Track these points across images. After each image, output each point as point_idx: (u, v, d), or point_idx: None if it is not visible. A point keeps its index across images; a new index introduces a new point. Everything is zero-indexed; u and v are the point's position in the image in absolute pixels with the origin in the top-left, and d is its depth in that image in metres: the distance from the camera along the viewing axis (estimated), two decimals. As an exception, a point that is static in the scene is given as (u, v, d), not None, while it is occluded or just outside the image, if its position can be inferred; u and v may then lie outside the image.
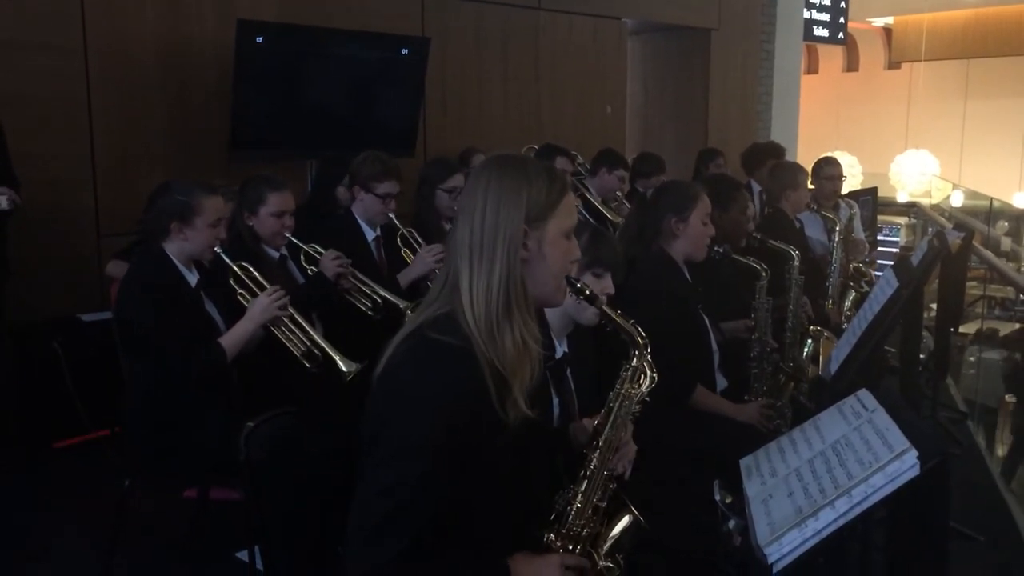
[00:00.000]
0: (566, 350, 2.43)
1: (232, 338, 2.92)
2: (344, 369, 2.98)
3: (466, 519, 1.65)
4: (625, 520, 1.92)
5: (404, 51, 5.61)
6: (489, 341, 1.62)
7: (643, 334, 1.90)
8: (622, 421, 1.88)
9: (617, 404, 1.89)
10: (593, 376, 2.42)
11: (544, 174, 1.70)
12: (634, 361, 1.90)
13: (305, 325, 3.06)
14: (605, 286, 2.47)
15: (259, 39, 4.89)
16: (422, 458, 1.56)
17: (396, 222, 3.77)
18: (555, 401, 2.30)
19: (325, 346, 3.03)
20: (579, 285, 1.82)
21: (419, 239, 3.80)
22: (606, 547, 1.87)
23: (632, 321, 1.91)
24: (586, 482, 1.83)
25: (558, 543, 1.79)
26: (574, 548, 1.80)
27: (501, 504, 1.70)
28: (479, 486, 1.64)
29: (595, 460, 1.85)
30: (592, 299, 1.86)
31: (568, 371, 2.39)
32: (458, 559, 1.64)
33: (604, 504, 1.87)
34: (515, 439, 1.66)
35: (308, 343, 3.04)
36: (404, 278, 3.67)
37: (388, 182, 3.71)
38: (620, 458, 1.92)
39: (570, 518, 1.81)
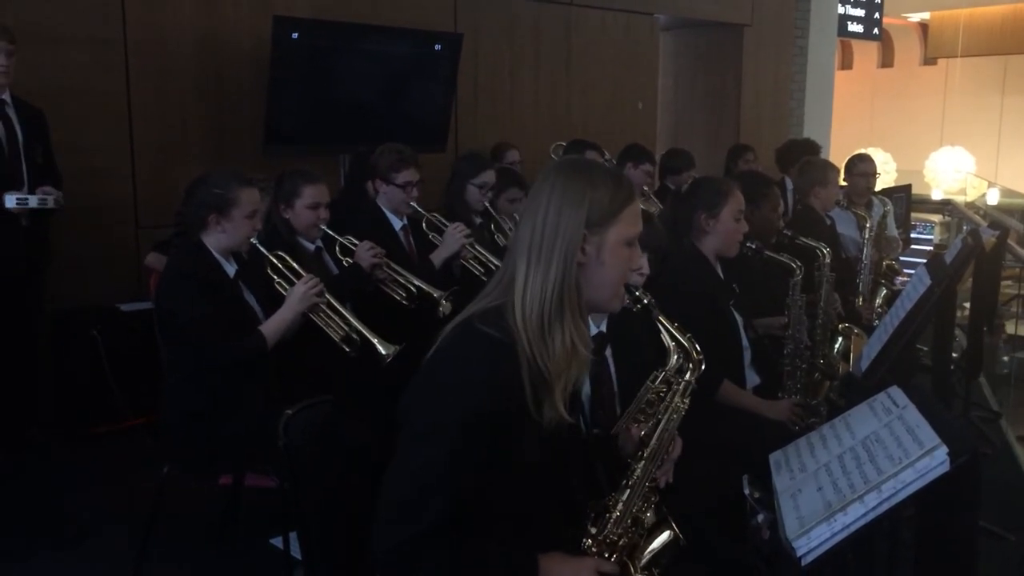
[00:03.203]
0: (603, 331, 2.42)
1: (272, 325, 2.98)
2: (383, 352, 3.03)
3: (497, 513, 1.68)
4: (665, 536, 1.89)
5: (437, 47, 5.65)
6: (538, 340, 1.64)
7: (699, 348, 1.87)
8: (669, 434, 1.87)
9: (665, 417, 1.87)
10: (644, 360, 2.40)
11: (610, 180, 1.71)
12: (688, 375, 1.88)
13: (343, 310, 3.11)
14: (641, 266, 2.48)
15: (294, 35, 4.95)
16: (450, 442, 1.59)
17: (420, 210, 3.82)
18: (587, 380, 2.30)
19: (363, 330, 3.08)
20: (637, 294, 1.82)
21: (444, 221, 3.84)
22: (643, 560, 1.85)
23: (689, 335, 1.88)
24: (628, 491, 1.82)
25: (594, 549, 1.79)
26: (610, 556, 1.80)
27: (533, 502, 1.72)
28: (509, 481, 1.67)
29: (639, 470, 1.84)
30: (648, 310, 1.85)
31: (609, 352, 2.39)
32: (486, 549, 1.66)
33: (645, 516, 1.86)
34: (551, 440, 1.68)
35: (346, 328, 3.09)
36: (436, 258, 3.72)
37: (407, 171, 3.76)
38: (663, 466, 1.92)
39: (608, 526, 1.80)
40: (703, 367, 1.89)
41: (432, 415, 1.62)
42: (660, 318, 1.86)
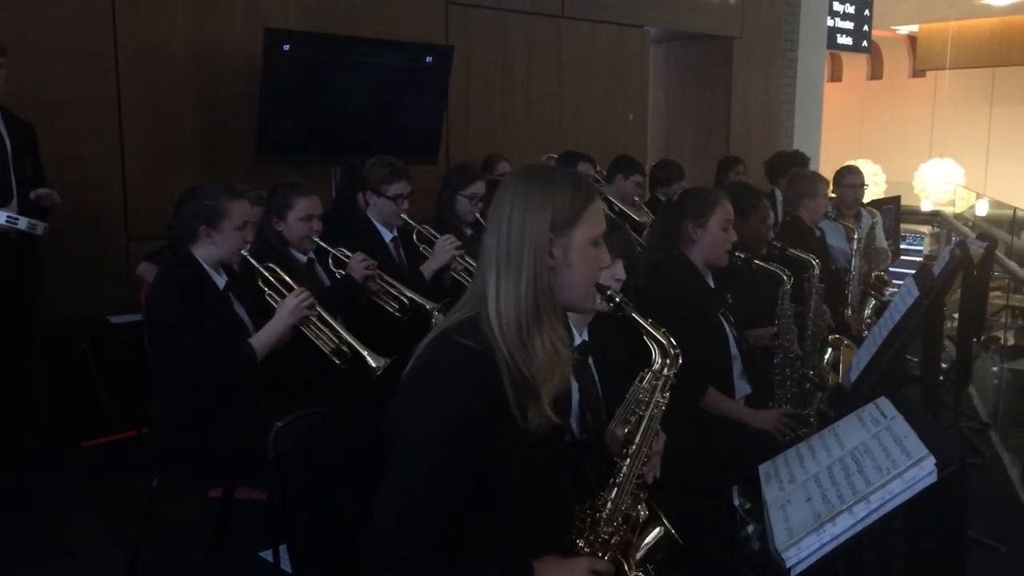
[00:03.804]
0: (585, 339, 2.45)
1: (262, 338, 2.98)
2: (373, 364, 3.05)
3: (490, 520, 1.68)
4: (656, 531, 1.94)
5: (428, 59, 5.67)
6: (519, 348, 1.65)
7: (675, 343, 1.89)
8: (652, 430, 1.89)
9: (648, 413, 1.89)
10: (623, 365, 2.42)
11: (569, 183, 1.74)
12: (665, 370, 1.90)
13: (333, 323, 3.12)
14: (616, 272, 2.50)
15: (286, 46, 4.96)
16: (437, 455, 1.60)
17: (411, 222, 3.83)
18: (575, 386, 2.32)
19: (353, 342, 3.08)
20: (609, 292, 1.84)
21: (434, 232, 3.85)
22: (637, 557, 1.89)
23: (664, 330, 1.90)
24: (616, 489, 1.85)
25: (587, 549, 1.81)
26: (603, 555, 1.81)
27: (524, 507, 1.73)
28: (499, 487, 1.67)
29: (624, 468, 1.86)
30: (621, 307, 1.87)
31: (591, 359, 2.41)
32: (480, 557, 1.67)
33: (634, 513, 1.88)
34: (539, 445, 1.69)
35: (337, 340, 3.09)
36: (427, 270, 3.74)
37: (398, 183, 3.79)
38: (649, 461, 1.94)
39: (599, 525, 1.83)
40: (680, 360, 1.90)
41: (417, 428, 1.63)
42: (634, 315, 1.87)
